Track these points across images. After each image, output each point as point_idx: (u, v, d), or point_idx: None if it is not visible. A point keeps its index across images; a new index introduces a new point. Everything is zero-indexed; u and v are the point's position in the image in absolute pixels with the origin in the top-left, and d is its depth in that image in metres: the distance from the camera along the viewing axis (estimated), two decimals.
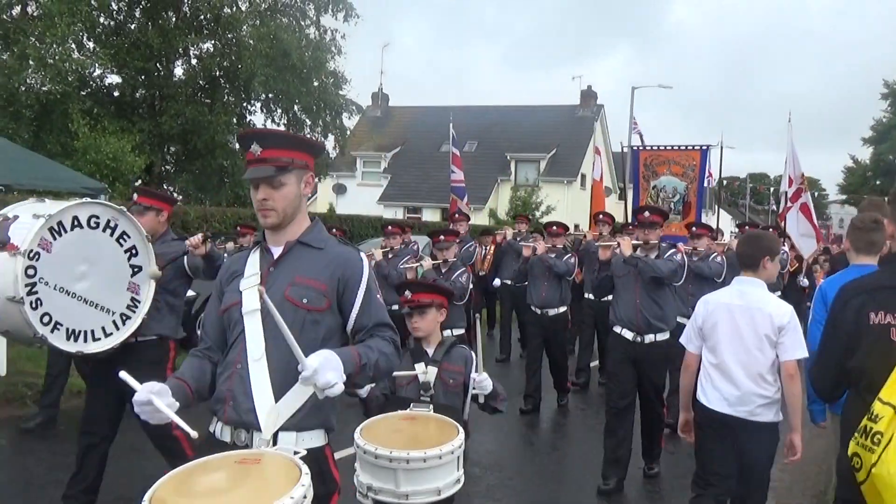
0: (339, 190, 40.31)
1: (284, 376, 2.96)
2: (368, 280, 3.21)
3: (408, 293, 4.80)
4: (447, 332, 7.53)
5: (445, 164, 39.53)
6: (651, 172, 12.26)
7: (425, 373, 4.63)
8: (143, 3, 20.86)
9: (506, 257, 12.95)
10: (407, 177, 39.90)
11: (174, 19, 20.82)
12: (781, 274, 11.32)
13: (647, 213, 7.20)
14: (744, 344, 4.81)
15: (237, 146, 22.38)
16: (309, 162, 3.24)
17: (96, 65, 18.89)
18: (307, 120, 23.29)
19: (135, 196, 6.16)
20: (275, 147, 3.12)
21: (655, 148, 13.11)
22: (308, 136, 23.36)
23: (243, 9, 21.42)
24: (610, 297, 12.26)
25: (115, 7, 20.13)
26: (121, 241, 5.31)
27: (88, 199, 5.10)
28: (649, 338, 7.07)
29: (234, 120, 22.07)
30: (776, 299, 4.95)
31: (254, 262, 3.25)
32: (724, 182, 59.46)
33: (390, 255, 10.38)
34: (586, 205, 12.96)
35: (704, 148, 12.11)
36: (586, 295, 11.47)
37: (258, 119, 23.62)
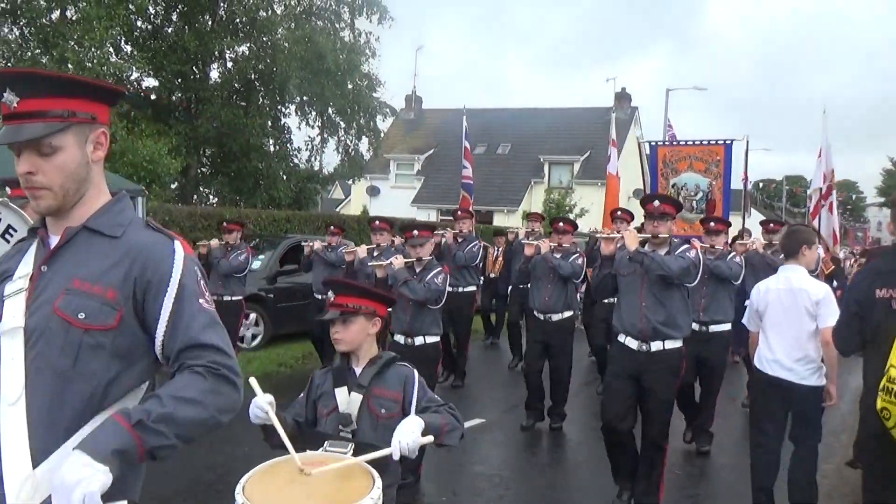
0: (373, 192, 40.44)
1: (50, 430, 2.07)
2: (182, 280, 2.22)
3: (331, 294, 3.90)
4: (419, 340, 7.09)
5: (479, 166, 39.67)
6: (671, 170, 11.56)
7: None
8: (179, 6, 21.03)
9: (516, 257, 12.07)
10: (440, 179, 39.89)
11: (210, 23, 20.97)
12: (815, 276, 11.09)
13: (656, 203, 6.26)
14: (789, 319, 5.94)
15: (272, 149, 22.53)
16: (99, 113, 2.27)
17: (133, 68, 19.10)
18: (341, 122, 23.40)
19: (7, 191, 5.50)
20: (40, 94, 2.13)
21: (675, 143, 12.44)
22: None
23: (278, 12, 21.53)
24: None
25: (152, 11, 20.33)
26: (6, 236, 4.68)
27: None
28: (656, 345, 6.18)
29: (269, 122, 22.20)
30: (813, 279, 6.14)
31: (29, 258, 2.31)
32: (760, 184, 58.96)
33: (375, 252, 9.58)
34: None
35: (728, 142, 11.40)
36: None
37: (293, 121, 23.78)
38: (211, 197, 23.55)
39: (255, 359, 12.39)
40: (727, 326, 8.48)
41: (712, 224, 8.76)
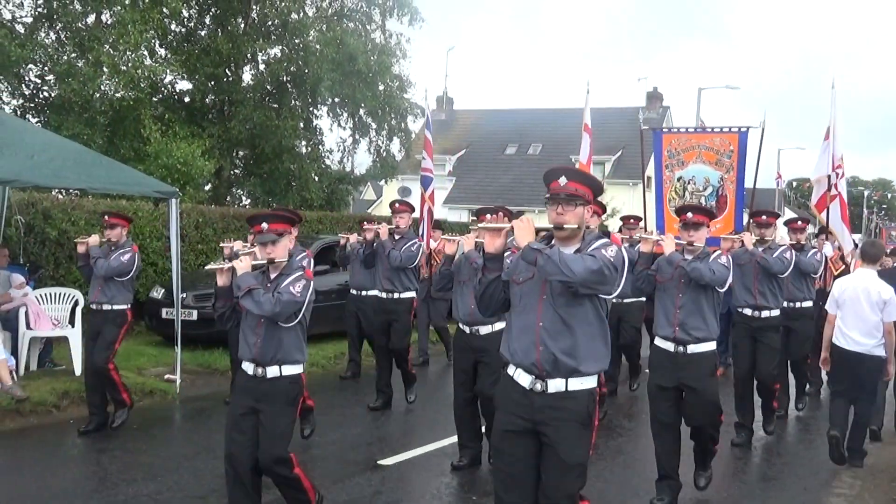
0: (404, 192, 40.42)
1: None
2: None
3: None
4: (272, 370, 5.48)
5: (510, 166, 39.97)
6: (677, 161, 10.28)
7: None
8: (213, 10, 21.19)
9: None
10: (471, 179, 40.02)
11: (243, 25, 21.10)
12: (813, 277, 9.66)
13: (562, 180, 4.43)
14: (863, 309, 7.77)
15: (304, 150, 22.64)
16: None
17: (168, 71, 19.22)
18: (373, 123, 23.45)
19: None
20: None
21: (682, 131, 11.00)
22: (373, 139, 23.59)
23: (310, 14, 21.62)
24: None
25: (186, 14, 20.48)
26: None
27: None
28: (556, 384, 4.32)
29: (301, 124, 22.29)
30: (882, 282, 7.83)
31: None
32: (794, 184, 58.40)
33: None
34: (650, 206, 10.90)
35: (743, 130, 9.98)
36: None
37: (324, 123, 23.88)
38: (244, 198, 23.70)
39: None
40: (710, 346, 6.60)
41: (689, 215, 6.71)
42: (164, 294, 12.53)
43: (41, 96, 18.65)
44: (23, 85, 18.24)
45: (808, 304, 9.53)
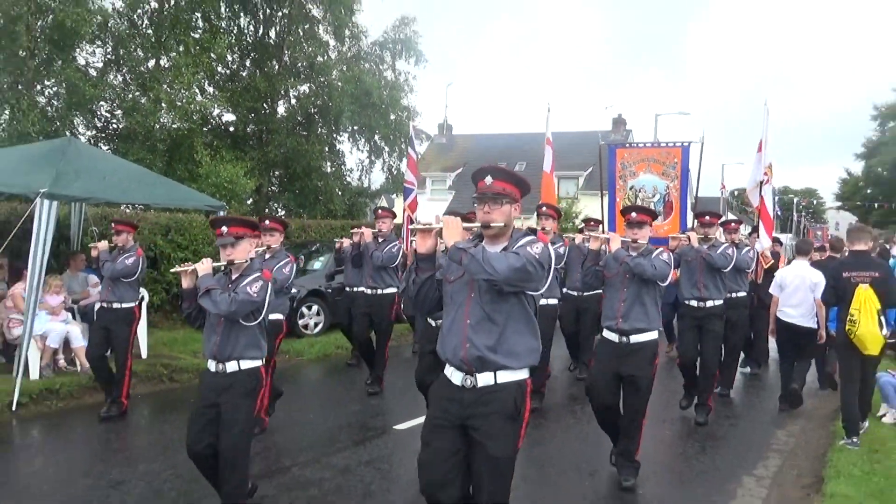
0: None
1: None
2: None
3: None
4: (231, 366, 4.99)
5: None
6: (629, 172, 10.10)
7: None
8: (252, 54, 21.26)
9: None
10: (469, 193, 39.77)
11: (277, 67, 21.12)
12: (746, 271, 9.31)
13: (488, 179, 3.91)
14: (799, 292, 8.80)
15: (329, 170, 22.66)
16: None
17: (215, 106, 19.29)
18: (385, 147, 23.45)
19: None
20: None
21: (634, 146, 10.92)
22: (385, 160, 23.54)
23: (333, 57, 21.64)
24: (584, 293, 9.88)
25: (230, 58, 20.59)
26: None
27: None
28: (484, 379, 3.79)
29: (326, 148, 22.31)
30: (814, 269, 8.84)
31: None
32: (736, 192, 58.45)
33: (267, 256, 7.62)
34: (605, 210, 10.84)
35: (686, 145, 9.85)
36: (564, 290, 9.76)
37: (346, 147, 23.85)
38: (279, 210, 23.69)
39: (317, 343, 12.52)
40: (652, 335, 6.13)
41: (633, 215, 6.24)
42: None
43: (111, 128, 18.66)
44: (95, 118, 18.25)
45: (743, 294, 9.27)
